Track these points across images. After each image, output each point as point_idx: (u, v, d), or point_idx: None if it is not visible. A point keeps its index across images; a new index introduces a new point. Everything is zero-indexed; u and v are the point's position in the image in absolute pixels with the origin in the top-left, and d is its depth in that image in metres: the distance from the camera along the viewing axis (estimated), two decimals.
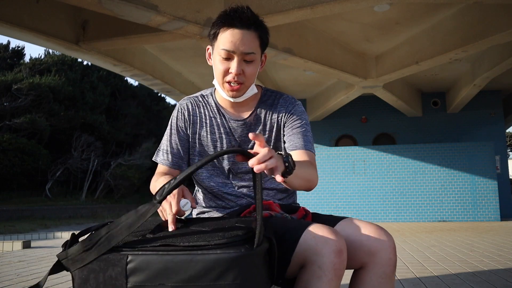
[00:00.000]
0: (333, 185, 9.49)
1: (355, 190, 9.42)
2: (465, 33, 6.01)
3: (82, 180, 20.24)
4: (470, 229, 7.09)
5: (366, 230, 1.16)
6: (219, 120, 1.38)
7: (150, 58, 7.63)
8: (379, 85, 7.96)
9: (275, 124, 1.39)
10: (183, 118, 1.38)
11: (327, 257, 1.02)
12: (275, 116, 1.38)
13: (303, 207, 1.39)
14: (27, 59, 23.74)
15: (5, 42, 23.79)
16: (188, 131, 1.38)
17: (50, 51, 23.26)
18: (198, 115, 1.39)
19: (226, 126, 1.37)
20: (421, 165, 9.21)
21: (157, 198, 0.92)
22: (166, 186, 0.91)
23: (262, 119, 1.38)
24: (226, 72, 1.27)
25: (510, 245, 4.93)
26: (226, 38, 1.24)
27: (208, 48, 1.38)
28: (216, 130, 1.37)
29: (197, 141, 1.38)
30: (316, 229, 1.07)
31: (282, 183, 1.06)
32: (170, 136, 1.39)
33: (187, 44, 6.78)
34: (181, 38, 5.68)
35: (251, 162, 0.94)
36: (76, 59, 22.32)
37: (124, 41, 6.06)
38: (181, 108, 1.40)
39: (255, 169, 0.93)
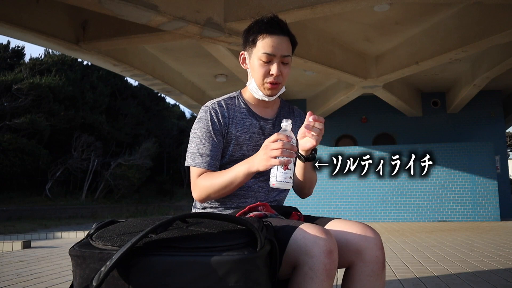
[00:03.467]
0: (333, 185, 9.49)
1: (355, 190, 9.42)
2: (465, 33, 6.01)
3: (82, 180, 20.23)
4: (470, 229, 7.09)
5: (352, 229, 1.20)
6: (250, 120, 1.46)
7: (150, 58, 7.63)
8: (379, 85, 7.96)
9: (295, 130, 1.52)
10: (217, 121, 1.43)
11: (318, 258, 1.02)
12: (295, 122, 1.55)
13: (295, 212, 1.41)
14: (27, 59, 23.71)
15: (5, 42, 23.76)
16: (223, 132, 1.43)
17: (50, 51, 23.24)
18: (230, 116, 1.45)
19: (257, 125, 1.46)
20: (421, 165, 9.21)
21: (94, 283, 0.83)
22: (103, 269, 0.84)
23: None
24: (267, 74, 1.39)
25: (510, 245, 4.93)
26: (267, 43, 1.37)
27: (242, 54, 1.48)
28: (248, 130, 1.45)
29: (231, 141, 1.43)
30: (306, 229, 1.08)
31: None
32: (208, 138, 1.41)
33: (187, 44, 6.78)
34: (181, 38, 5.68)
35: (314, 116, 1.24)
36: (76, 59, 22.30)
37: (124, 41, 6.06)
38: (213, 112, 1.44)
39: (310, 120, 1.25)
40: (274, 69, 1.37)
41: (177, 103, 14.24)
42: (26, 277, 3.27)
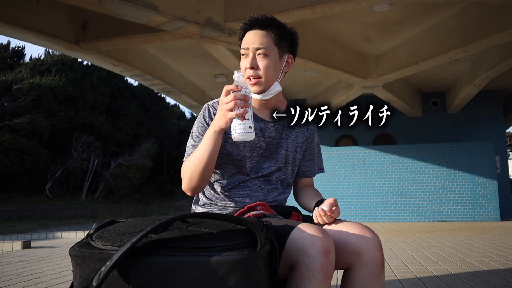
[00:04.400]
0: (333, 185, 9.49)
1: (355, 190, 9.42)
2: (465, 33, 6.01)
3: (82, 180, 20.22)
4: (470, 229, 7.08)
5: (351, 230, 1.19)
6: None
7: (150, 58, 7.63)
8: (379, 85, 7.95)
9: (300, 134, 1.54)
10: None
11: (314, 258, 1.02)
12: (300, 127, 1.52)
13: (295, 212, 1.41)
14: (27, 59, 23.69)
15: (5, 42, 23.72)
16: None
17: (50, 51, 23.22)
18: None
19: (257, 126, 1.43)
20: (421, 165, 9.21)
21: (94, 284, 0.83)
22: (103, 269, 0.83)
23: (288, 126, 1.48)
24: (245, 69, 1.39)
25: (510, 245, 4.93)
26: (244, 39, 1.41)
27: None
28: None
29: (227, 140, 1.41)
30: (304, 229, 1.08)
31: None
32: (203, 132, 1.41)
33: (187, 44, 6.78)
34: (181, 38, 5.68)
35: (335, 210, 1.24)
36: (76, 59, 22.27)
37: (124, 41, 6.06)
38: (211, 109, 1.46)
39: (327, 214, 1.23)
40: (247, 61, 1.38)
41: (177, 103, 14.24)
42: (26, 277, 3.27)
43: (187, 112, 34.63)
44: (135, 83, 27.36)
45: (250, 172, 1.43)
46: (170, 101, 34.84)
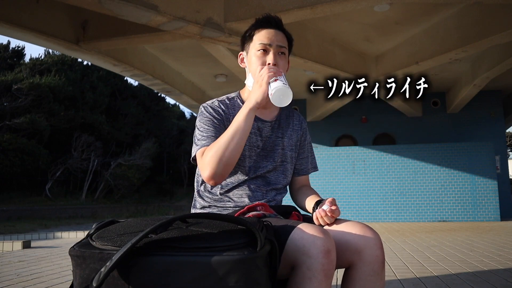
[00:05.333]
0: (333, 185, 9.49)
1: (355, 190, 9.42)
2: (465, 33, 6.01)
3: (82, 180, 20.22)
4: (470, 229, 7.08)
5: (352, 229, 1.20)
6: None
7: (150, 58, 7.63)
8: None
9: (294, 133, 1.55)
10: (217, 113, 1.43)
11: (315, 258, 1.02)
12: (294, 126, 1.56)
13: (295, 212, 1.41)
14: (27, 59, 23.70)
15: (5, 42, 23.73)
16: (225, 125, 1.42)
17: (50, 51, 23.22)
18: (230, 114, 1.45)
19: (255, 125, 1.44)
20: (421, 165, 9.20)
21: (94, 284, 0.83)
22: (103, 270, 0.84)
23: (284, 124, 1.53)
24: (264, 64, 1.40)
25: (510, 245, 4.93)
26: (263, 35, 1.42)
27: (240, 54, 1.52)
28: None
29: None
30: (304, 229, 1.08)
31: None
32: (211, 125, 1.39)
33: (187, 44, 6.78)
34: (181, 38, 5.68)
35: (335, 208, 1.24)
36: (76, 59, 22.26)
37: (124, 41, 6.06)
38: (213, 106, 1.46)
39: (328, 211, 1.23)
40: (270, 58, 1.39)
41: (177, 103, 14.24)
42: (26, 277, 3.27)
43: (187, 112, 34.61)
44: (135, 83, 27.37)
45: (249, 172, 1.43)
46: (170, 101, 34.84)
